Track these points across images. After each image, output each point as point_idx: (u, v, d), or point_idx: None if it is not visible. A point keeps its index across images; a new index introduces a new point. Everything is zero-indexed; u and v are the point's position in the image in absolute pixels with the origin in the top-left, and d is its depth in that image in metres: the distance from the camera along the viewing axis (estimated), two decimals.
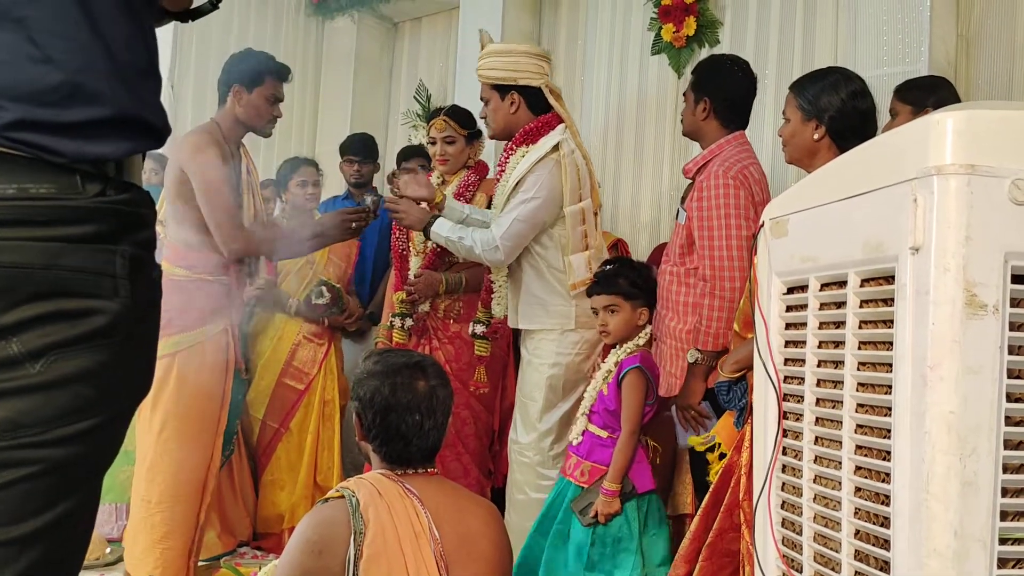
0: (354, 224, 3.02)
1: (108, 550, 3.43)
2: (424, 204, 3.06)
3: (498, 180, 3.06)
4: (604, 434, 2.56)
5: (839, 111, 2.22)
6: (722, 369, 2.26)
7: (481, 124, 3.27)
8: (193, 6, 1.29)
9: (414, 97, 5.22)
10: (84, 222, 1.00)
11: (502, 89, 2.95)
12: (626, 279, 2.63)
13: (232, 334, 3.05)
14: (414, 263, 3.46)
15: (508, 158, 2.99)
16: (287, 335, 3.76)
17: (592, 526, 2.47)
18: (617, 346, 2.66)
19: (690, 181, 2.91)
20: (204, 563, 3.30)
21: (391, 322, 3.42)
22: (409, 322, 3.39)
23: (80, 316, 1.00)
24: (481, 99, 3.04)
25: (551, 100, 2.97)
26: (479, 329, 3.19)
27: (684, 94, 2.88)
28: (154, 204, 1.14)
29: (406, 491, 1.73)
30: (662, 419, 2.79)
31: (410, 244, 3.50)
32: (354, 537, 1.63)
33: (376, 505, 1.67)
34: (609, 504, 2.46)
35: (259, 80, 3.03)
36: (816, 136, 2.23)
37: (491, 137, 3.15)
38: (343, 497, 1.70)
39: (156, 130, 1.10)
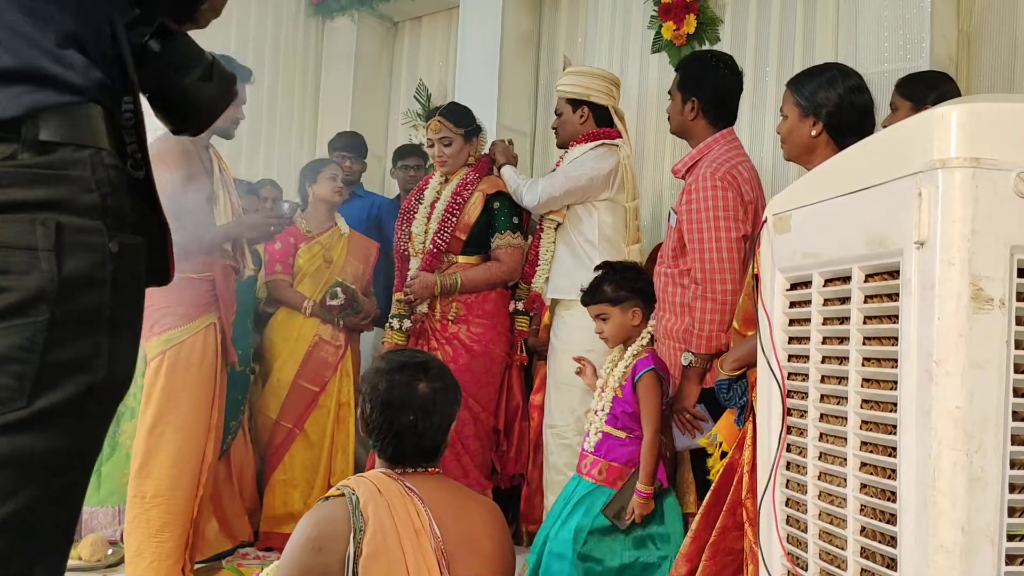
0: (272, 228, 3.22)
1: (111, 551, 3.42)
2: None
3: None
4: (623, 435, 2.57)
5: (836, 107, 2.20)
6: (722, 367, 2.25)
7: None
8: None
9: (414, 96, 5.19)
10: None
11: (575, 103, 3.30)
12: (610, 284, 2.64)
13: (220, 329, 3.08)
14: (413, 264, 3.45)
15: (568, 151, 3.35)
16: (303, 336, 3.76)
17: (630, 529, 2.50)
18: (623, 348, 2.65)
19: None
20: (204, 563, 3.29)
21: (389, 323, 3.42)
22: (407, 323, 3.39)
23: None
24: (555, 112, 3.40)
25: (615, 119, 3.32)
26: (520, 305, 3.43)
27: (669, 92, 2.88)
28: (105, 166, 0.99)
29: (406, 489, 1.73)
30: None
31: (410, 245, 3.49)
32: (353, 534, 1.63)
33: (376, 503, 1.67)
34: (645, 505, 2.48)
35: None
36: (814, 132, 2.21)
37: (559, 145, 3.45)
38: (343, 495, 1.70)
39: (66, 81, 0.96)
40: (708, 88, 2.79)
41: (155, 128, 1.14)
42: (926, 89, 2.75)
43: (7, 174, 0.91)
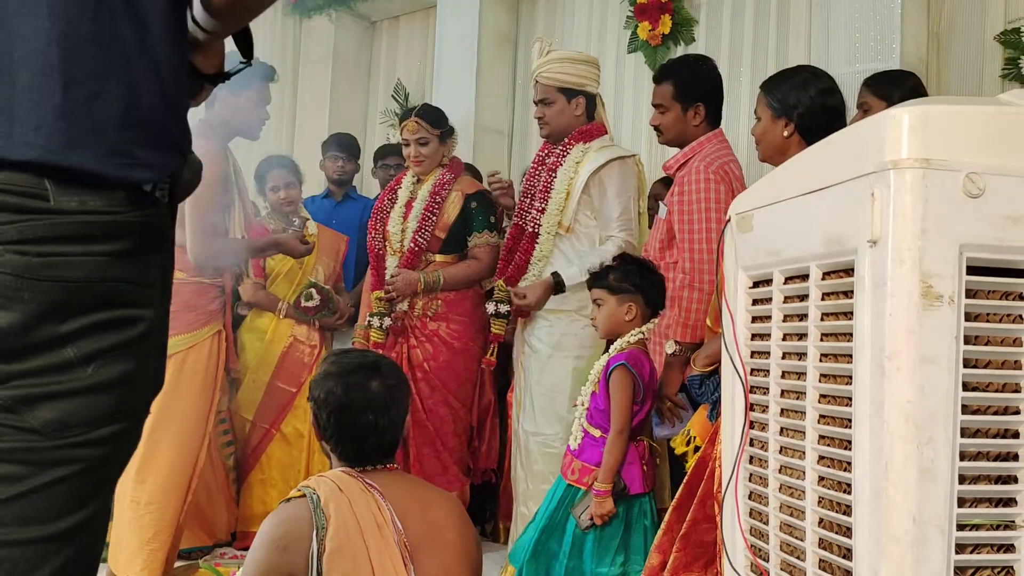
0: (301, 252, 3.28)
1: None
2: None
3: (540, 168, 3.22)
4: (598, 433, 2.54)
5: (808, 109, 2.25)
6: (694, 363, 2.29)
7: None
8: (226, 69, 1.33)
9: (392, 96, 5.22)
10: (130, 235, 1.06)
11: (570, 92, 3.15)
12: (616, 274, 2.59)
13: (224, 336, 3.08)
14: (391, 262, 3.46)
15: (567, 150, 3.15)
16: (278, 337, 3.75)
17: (590, 528, 2.45)
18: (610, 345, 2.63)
19: (657, 180, 2.93)
20: (182, 563, 3.29)
21: (369, 322, 3.42)
22: (387, 321, 3.39)
23: (126, 324, 1.07)
24: (541, 101, 3.18)
25: (599, 108, 3.22)
26: (503, 309, 3.24)
27: (661, 104, 2.84)
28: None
29: (367, 486, 1.75)
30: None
31: (387, 243, 3.50)
32: (316, 533, 1.65)
33: (337, 500, 1.69)
34: (602, 504, 2.42)
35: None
36: (785, 133, 2.26)
37: (545, 136, 3.25)
38: (304, 495, 1.73)
39: (182, 149, 1.15)
40: (711, 92, 2.83)
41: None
42: (897, 87, 2.79)
43: (141, 223, 1.07)
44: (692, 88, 2.81)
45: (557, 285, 3.07)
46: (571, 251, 3.12)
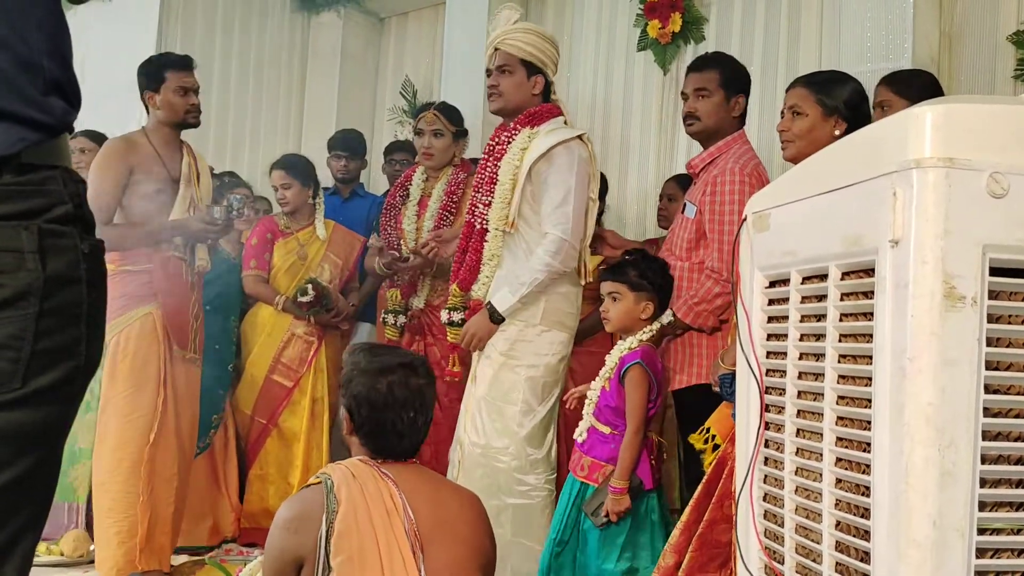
0: (208, 238, 3.22)
1: (92, 547, 3.41)
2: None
3: (489, 158, 2.96)
4: (607, 430, 2.54)
5: (856, 108, 2.28)
6: (723, 361, 2.27)
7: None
8: None
9: (400, 93, 5.20)
10: None
11: (531, 68, 2.89)
12: (636, 270, 2.58)
13: (159, 319, 3.12)
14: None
15: (513, 137, 2.89)
16: (276, 331, 3.75)
17: (605, 526, 2.45)
18: (621, 340, 2.60)
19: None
20: (190, 560, 3.29)
21: (383, 319, 3.39)
22: (402, 319, 3.36)
23: None
24: (500, 68, 2.90)
25: (554, 96, 3.02)
26: (456, 317, 2.96)
27: (704, 88, 2.78)
28: (74, 183, 1.16)
29: (381, 474, 1.79)
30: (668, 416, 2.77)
31: (401, 241, 3.49)
32: (326, 515, 1.70)
33: (349, 485, 1.74)
34: (619, 502, 2.43)
35: (161, 78, 3.20)
36: (837, 132, 2.24)
37: (494, 110, 2.99)
38: (320, 482, 1.77)
39: (38, 123, 1.12)
40: (747, 91, 2.84)
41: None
42: (917, 86, 2.75)
43: None
44: (738, 79, 2.82)
45: (493, 313, 2.80)
46: (520, 250, 2.86)
